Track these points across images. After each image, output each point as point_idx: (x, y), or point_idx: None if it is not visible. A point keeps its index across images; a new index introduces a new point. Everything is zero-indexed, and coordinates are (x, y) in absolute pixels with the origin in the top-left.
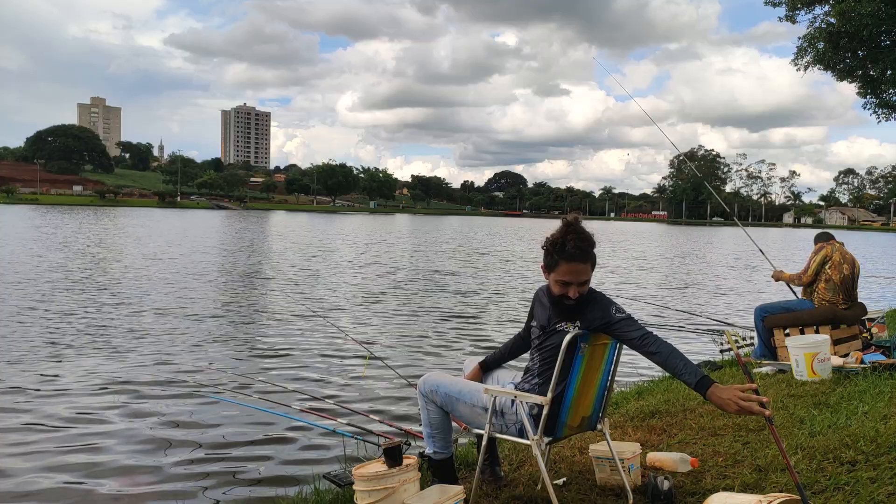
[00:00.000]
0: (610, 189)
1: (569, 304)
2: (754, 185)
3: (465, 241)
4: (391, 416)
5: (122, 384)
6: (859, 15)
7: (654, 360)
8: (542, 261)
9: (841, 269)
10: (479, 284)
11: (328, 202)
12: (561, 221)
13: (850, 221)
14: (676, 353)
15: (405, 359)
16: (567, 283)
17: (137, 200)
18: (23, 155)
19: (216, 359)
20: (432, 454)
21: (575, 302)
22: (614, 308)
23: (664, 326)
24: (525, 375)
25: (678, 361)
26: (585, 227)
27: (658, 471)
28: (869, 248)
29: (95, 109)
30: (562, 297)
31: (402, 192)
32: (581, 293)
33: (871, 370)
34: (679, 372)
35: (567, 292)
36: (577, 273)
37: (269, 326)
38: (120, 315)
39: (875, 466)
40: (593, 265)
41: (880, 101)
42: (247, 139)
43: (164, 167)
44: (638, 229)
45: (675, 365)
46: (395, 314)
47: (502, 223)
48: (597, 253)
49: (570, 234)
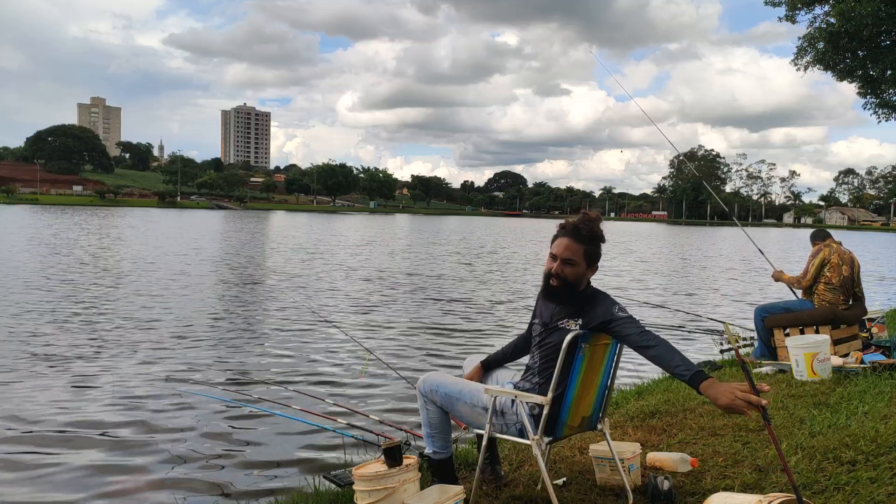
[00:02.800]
0: (610, 189)
1: (553, 284)
2: (754, 185)
3: (465, 241)
4: (391, 416)
5: (120, 384)
6: (859, 15)
7: (651, 356)
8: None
9: (840, 270)
10: (480, 285)
11: (328, 202)
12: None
13: (850, 221)
14: (673, 349)
15: (405, 359)
16: (554, 255)
17: (137, 200)
18: (23, 155)
19: (215, 359)
20: (432, 454)
21: (558, 282)
22: (617, 307)
23: (664, 326)
24: (525, 374)
25: (674, 357)
26: (599, 225)
27: (658, 471)
28: (869, 248)
29: (95, 109)
30: (548, 275)
31: (402, 192)
32: (565, 274)
33: (871, 370)
34: (675, 367)
35: (552, 267)
36: (564, 247)
37: (269, 327)
38: (119, 315)
39: (875, 466)
40: (588, 255)
41: (880, 101)
42: (247, 139)
43: (164, 167)
44: (638, 229)
45: (670, 360)
46: (395, 314)
47: (502, 223)
48: (603, 254)
49: (579, 217)
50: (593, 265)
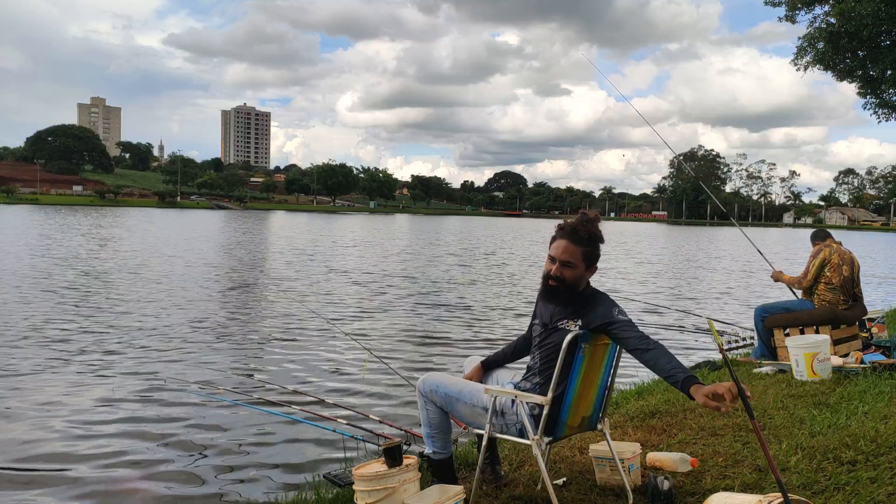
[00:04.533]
0: (610, 189)
1: (551, 285)
2: (754, 185)
3: (465, 241)
4: (391, 417)
5: (121, 384)
6: (859, 15)
7: (646, 359)
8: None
9: (840, 270)
10: (481, 285)
11: (328, 202)
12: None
13: (850, 221)
14: (668, 354)
15: (405, 359)
16: (552, 258)
17: (137, 200)
18: (23, 155)
19: (215, 359)
20: (431, 454)
21: (557, 283)
22: (617, 310)
23: (664, 326)
24: (526, 374)
25: (670, 361)
26: (598, 225)
27: (658, 471)
28: (869, 248)
29: (95, 109)
30: (547, 276)
31: (402, 192)
32: (564, 276)
33: (871, 370)
34: (669, 371)
35: (551, 269)
36: (562, 250)
37: (269, 327)
38: (118, 316)
39: (875, 466)
40: (587, 256)
41: (880, 101)
42: (247, 139)
43: (164, 167)
44: (638, 229)
45: (665, 364)
46: (395, 315)
47: (502, 223)
48: (603, 255)
49: (577, 218)
50: (592, 266)
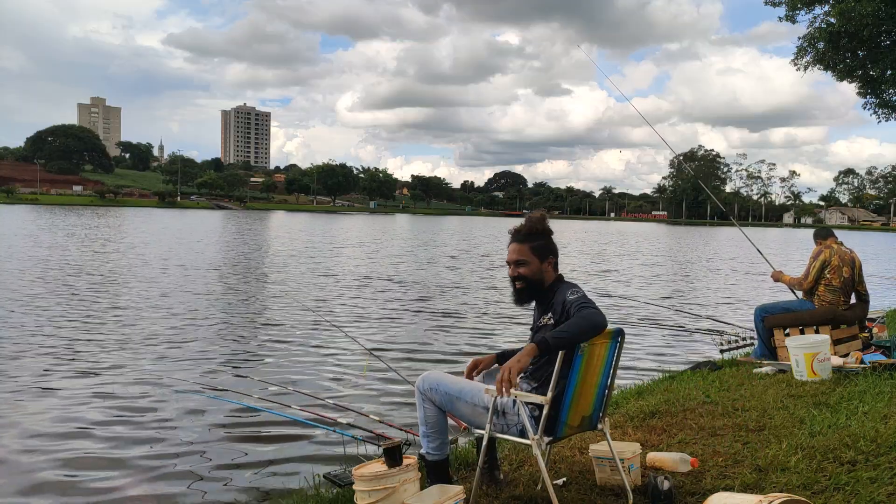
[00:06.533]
0: (610, 189)
1: (518, 287)
2: (754, 185)
3: (464, 242)
4: (391, 417)
5: (121, 383)
6: (859, 15)
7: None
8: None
9: (840, 272)
10: (481, 285)
11: (328, 202)
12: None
13: (850, 221)
14: (575, 323)
15: (406, 359)
16: (508, 263)
17: (137, 200)
18: (23, 155)
19: (216, 359)
20: (426, 454)
21: (521, 284)
22: (570, 291)
23: (664, 327)
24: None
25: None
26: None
27: (658, 471)
28: (869, 248)
29: (95, 109)
30: (511, 281)
31: (402, 192)
32: (522, 275)
33: (871, 370)
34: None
35: (510, 273)
36: (511, 251)
37: (270, 327)
38: (118, 316)
39: (875, 466)
40: (536, 250)
41: (880, 101)
42: (247, 139)
43: (164, 167)
44: (638, 230)
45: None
46: (396, 315)
47: (502, 223)
48: (603, 255)
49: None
50: (547, 258)
